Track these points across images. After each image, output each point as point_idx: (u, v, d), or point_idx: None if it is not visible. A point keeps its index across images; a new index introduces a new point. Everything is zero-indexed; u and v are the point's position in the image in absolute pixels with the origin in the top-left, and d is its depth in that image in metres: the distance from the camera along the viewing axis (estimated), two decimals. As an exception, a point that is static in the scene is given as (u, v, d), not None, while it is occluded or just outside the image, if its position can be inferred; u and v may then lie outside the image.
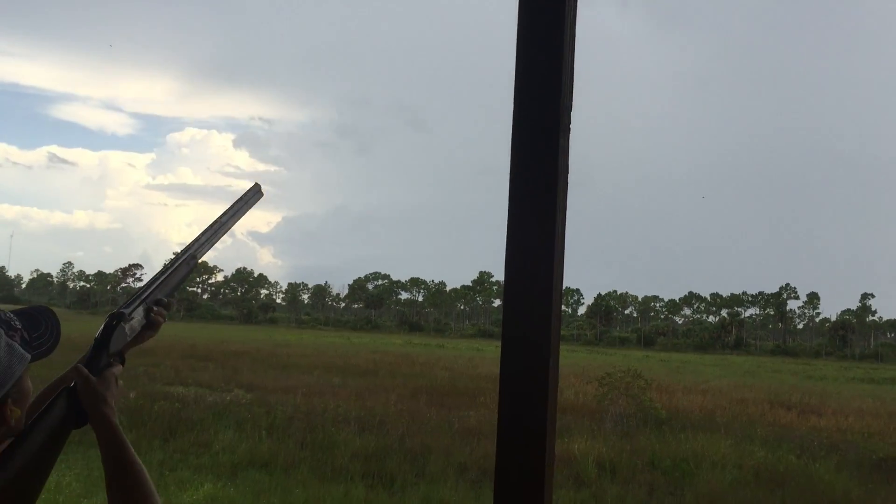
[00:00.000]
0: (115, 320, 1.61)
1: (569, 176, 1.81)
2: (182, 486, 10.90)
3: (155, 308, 1.73)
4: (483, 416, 16.92)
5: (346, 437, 14.01)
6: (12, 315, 1.40)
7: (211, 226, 1.90)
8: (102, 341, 1.59)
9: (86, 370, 1.50)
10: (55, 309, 1.51)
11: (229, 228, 1.95)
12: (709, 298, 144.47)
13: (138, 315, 1.70)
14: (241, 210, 1.97)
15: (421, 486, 11.61)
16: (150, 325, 1.71)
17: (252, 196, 2.03)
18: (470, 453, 13.37)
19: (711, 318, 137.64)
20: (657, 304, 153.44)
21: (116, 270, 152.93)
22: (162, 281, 1.78)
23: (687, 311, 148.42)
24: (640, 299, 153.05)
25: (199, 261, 1.91)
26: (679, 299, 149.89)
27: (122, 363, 1.64)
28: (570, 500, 11.12)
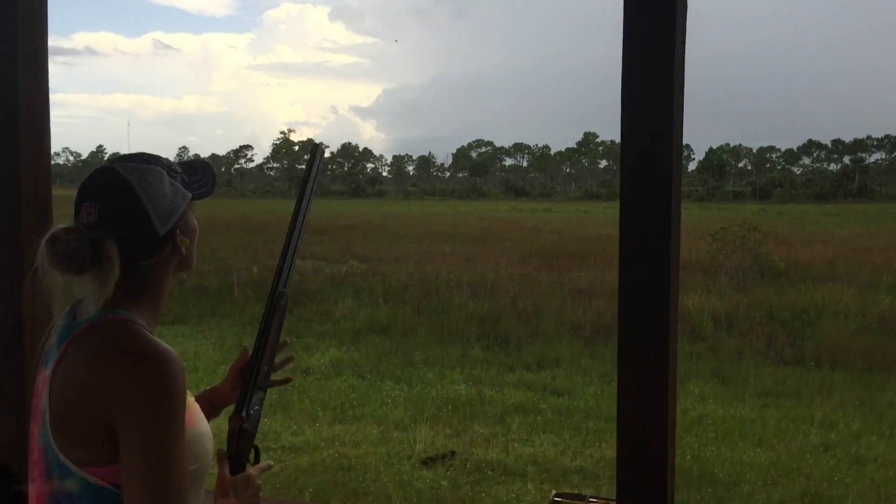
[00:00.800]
0: (237, 428, 1.60)
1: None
2: (309, 351, 11.53)
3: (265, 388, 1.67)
4: (594, 276, 16.94)
5: (459, 302, 14.36)
6: (172, 161, 1.55)
7: (285, 247, 1.77)
8: (234, 456, 1.58)
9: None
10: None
11: (306, 216, 1.81)
12: (829, 146, 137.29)
13: (256, 402, 1.63)
14: (313, 186, 1.81)
15: (536, 345, 11.89)
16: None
17: (318, 160, 1.80)
18: (582, 312, 13.51)
19: (832, 167, 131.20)
20: (773, 155, 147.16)
21: (229, 152, 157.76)
22: (264, 352, 1.65)
23: (806, 161, 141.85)
24: (754, 151, 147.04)
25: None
26: (797, 148, 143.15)
27: (258, 454, 1.64)
28: (684, 353, 11.16)
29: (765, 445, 7.62)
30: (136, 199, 1.42)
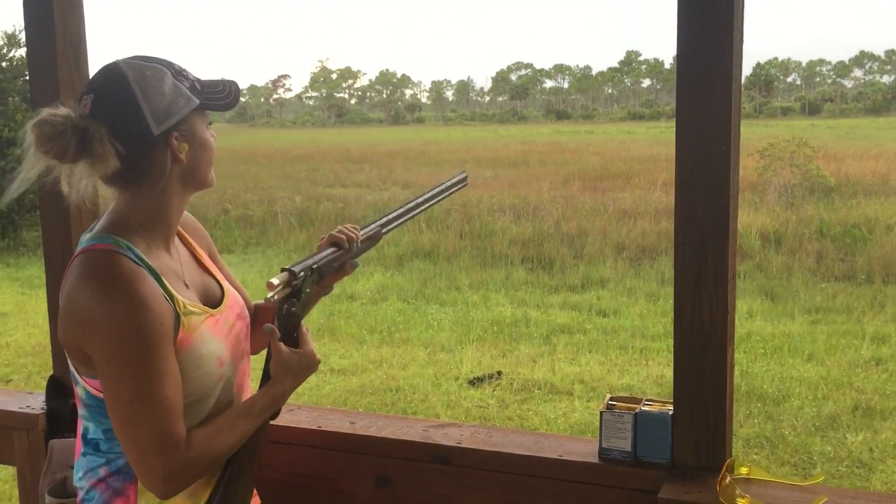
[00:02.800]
0: (287, 309, 1.52)
1: None
2: (353, 276, 11.63)
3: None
4: (638, 196, 16.72)
5: (502, 225, 14.31)
6: (189, 71, 1.48)
7: (406, 207, 1.79)
8: (284, 336, 1.52)
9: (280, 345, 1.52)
10: (216, 124, 1.47)
11: (423, 210, 1.85)
12: (883, 56, 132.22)
13: (308, 286, 1.54)
14: (441, 195, 1.89)
15: (580, 267, 11.83)
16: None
17: (456, 185, 1.93)
18: (627, 233, 13.37)
19: (886, 79, 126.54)
20: (823, 69, 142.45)
21: (267, 82, 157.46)
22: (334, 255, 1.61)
23: (858, 73, 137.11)
24: (803, 65, 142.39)
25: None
26: (849, 60, 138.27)
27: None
28: (732, 272, 10.99)
29: (814, 361, 7.53)
30: (130, 92, 1.36)
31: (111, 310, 1.32)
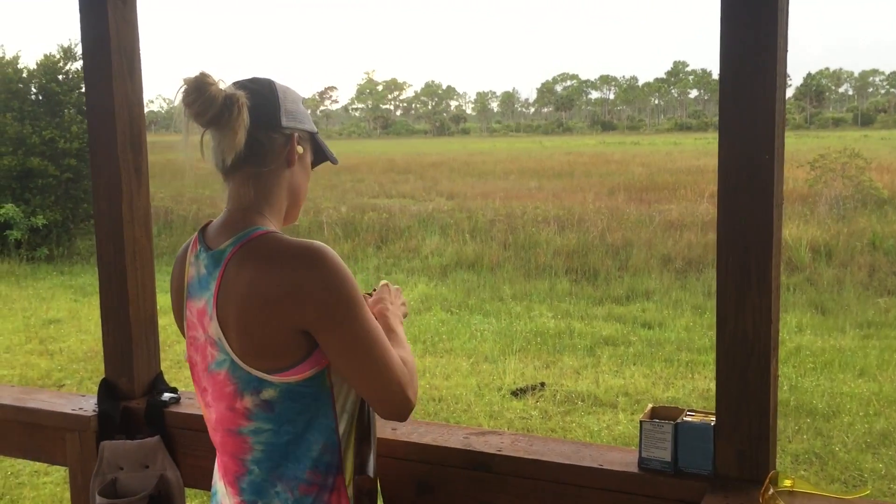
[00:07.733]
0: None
1: None
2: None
3: None
4: (684, 208, 16.52)
5: (547, 236, 14.26)
6: None
7: None
8: None
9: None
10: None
11: None
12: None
13: None
14: None
15: (625, 278, 11.73)
16: None
17: None
18: (673, 245, 13.22)
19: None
20: (877, 79, 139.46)
21: (314, 94, 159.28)
22: None
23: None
24: (856, 75, 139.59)
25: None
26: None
27: None
28: (782, 284, 10.81)
29: (866, 376, 7.36)
30: (273, 89, 1.48)
31: (319, 266, 1.36)
